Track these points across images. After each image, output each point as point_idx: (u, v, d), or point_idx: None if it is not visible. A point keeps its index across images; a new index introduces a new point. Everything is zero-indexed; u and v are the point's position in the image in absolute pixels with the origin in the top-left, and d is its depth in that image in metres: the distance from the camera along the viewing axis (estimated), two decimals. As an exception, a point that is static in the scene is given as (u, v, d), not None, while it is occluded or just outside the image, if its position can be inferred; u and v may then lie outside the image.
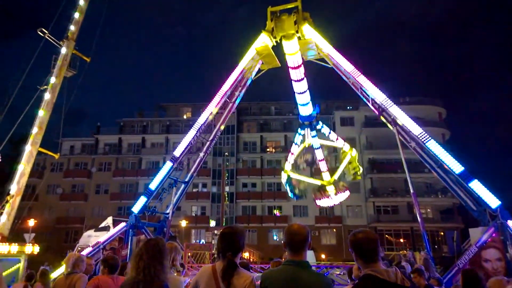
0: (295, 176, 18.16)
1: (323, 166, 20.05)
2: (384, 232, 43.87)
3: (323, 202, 17.85)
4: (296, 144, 18.95)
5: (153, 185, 17.50)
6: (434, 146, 14.40)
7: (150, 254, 2.83)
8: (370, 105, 16.52)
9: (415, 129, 14.81)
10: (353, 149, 18.52)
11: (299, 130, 18.88)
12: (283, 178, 18.23)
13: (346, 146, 18.62)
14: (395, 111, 15.21)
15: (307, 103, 17.04)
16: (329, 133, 19.29)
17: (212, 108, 17.35)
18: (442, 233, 42.03)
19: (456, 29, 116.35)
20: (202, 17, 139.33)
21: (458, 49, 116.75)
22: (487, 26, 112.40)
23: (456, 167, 13.76)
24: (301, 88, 15.92)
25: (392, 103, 15.30)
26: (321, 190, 17.51)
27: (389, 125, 16.32)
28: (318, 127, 18.76)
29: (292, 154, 18.72)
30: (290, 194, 19.04)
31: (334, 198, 17.47)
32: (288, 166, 18.22)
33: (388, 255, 20.54)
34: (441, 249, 39.94)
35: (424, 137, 14.50)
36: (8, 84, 21.78)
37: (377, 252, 2.63)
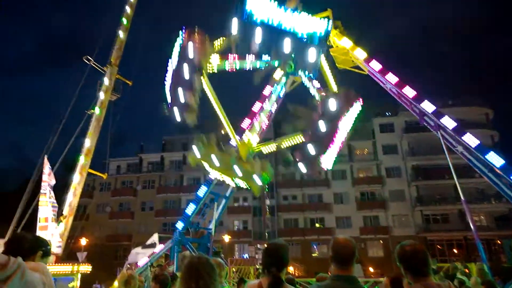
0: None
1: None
2: (435, 243, 41.89)
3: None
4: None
5: (195, 201, 17.85)
6: (483, 150, 13.64)
7: (201, 271, 2.78)
8: (410, 109, 16.01)
9: (460, 133, 14.13)
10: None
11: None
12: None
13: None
14: (437, 114, 14.62)
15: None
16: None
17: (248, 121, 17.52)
18: (498, 242, 39.45)
19: (499, 27, 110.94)
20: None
21: (501, 47, 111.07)
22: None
23: (509, 170, 12.93)
24: None
25: (433, 106, 14.73)
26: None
27: (432, 129, 15.69)
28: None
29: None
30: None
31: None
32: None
33: (441, 267, 19.54)
34: (498, 259, 37.41)
35: (471, 140, 13.79)
36: (59, 110, 23.22)
37: (427, 265, 2.51)
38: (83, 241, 32.08)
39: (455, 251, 41.36)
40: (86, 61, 23.32)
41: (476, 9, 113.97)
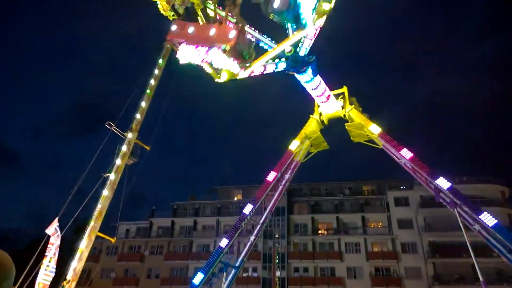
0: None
1: None
2: (454, 325, 39.03)
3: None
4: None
5: (204, 270, 17.41)
6: (500, 229, 13.39)
7: None
8: (425, 185, 16.04)
9: (477, 211, 14.00)
10: None
11: None
12: None
13: None
14: (453, 191, 14.61)
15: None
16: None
17: (263, 191, 17.68)
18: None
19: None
20: (253, 106, 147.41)
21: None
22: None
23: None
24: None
25: (448, 182, 14.77)
26: None
27: (448, 206, 15.56)
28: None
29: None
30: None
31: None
32: None
33: None
34: None
35: (488, 219, 13.61)
36: (78, 173, 23.84)
37: None
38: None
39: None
40: (108, 126, 24.34)
41: (491, 84, 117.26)
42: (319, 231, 48.55)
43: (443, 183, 14.72)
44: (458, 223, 15.17)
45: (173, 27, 12.33)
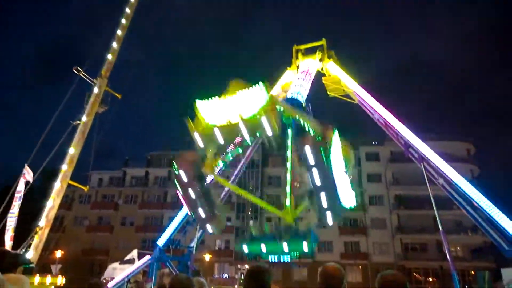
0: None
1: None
2: (412, 271, 42.22)
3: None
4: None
5: (177, 218, 17.70)
6: (462, 183, 14.07)
7: None
8: (395, 140, 16.44)
9: (442, 166, 14.57)
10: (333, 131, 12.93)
11: None
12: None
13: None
14: (422, 147, 15.07)
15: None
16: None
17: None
18: (473, 273, 39.99)
19: (485, 71, 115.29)
20: (229, 55, 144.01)
21: (485, 87, 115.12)
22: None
23: (486, 204, 13.35)
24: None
25: (418, 139, 15.19)
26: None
27: (415, 161, 16.10)
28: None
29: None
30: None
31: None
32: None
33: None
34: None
35: (452, 173, 14.22)
36: (46, 121, 22.93)
37: None
38: (58, 254, 31.27)
39: (431, 279, 41.75)
40: (75, 71, 23.27)
41: (462, 47, 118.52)
42: (293, 184, 49.82)
43: (413, 138, 15.14)
44: (423, 178, 15.80)
45: None
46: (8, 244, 17.28)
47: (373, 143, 49.24)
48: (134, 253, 21.38)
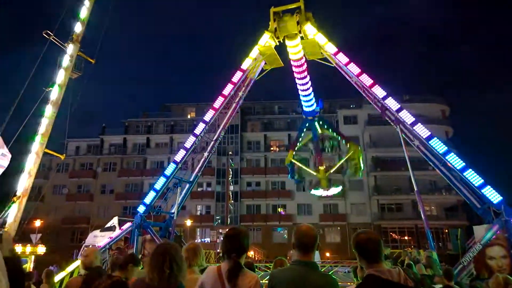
0: (297, 163, 19.78)
1: (320, 159, 20.49)
2: (388, 230, 43.95)
3: (316, 192, 19.99)
4: (301, 133, 20.27)
5: (158, 185, 17.67)
6: (437, 144, 14.44)
7: (175, 257, 2.80)
8: (373, 103, 16.58)
9: (418, 127, 14.86)
10: (358, 147, 19.54)
11: (302, 125, 20.20)
12: (287, 161, 20.02)
13: (349, 144, 19.48)
14: (398, 109, 15.26)
15: (310, 100, 17.45)
16: (334, 129, 20.22)
17: (216, 108, 17.48)
18: (446, 231, 41.96)
19: (458, 31, 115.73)
20: (206, 18, 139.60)
21: (459, 49, 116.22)
22: (490, 27, 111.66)
23: (460, 164, 13.80)
24: (304, 85, 16.30)
25: (395, 101, 15.35)
26: (316, 181, 19.37)
27: (392, 123, 16.35)
28: (324, 126, 19.81)
29: (297, 142, 20.27)
30: (289, 176, 20.87)
31: (326, 191, 19.39)
32: (291, 154, 19.88)
33: (393, 253, 20.67)
34: (445, 247, 39.83)
35: (427, 135, 14.55)
36: (17, 88, 22.03)
37: (379, 252, 2.65)
38: (38, 223, 31.00)
39: (406, 238, 43.66)
40: (46, 36, 22.16)
41: (436, 11, 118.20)
42: (272, 148, 50.23)
43: (389, 101, 15.29)
44: (399, 140, 16.13)
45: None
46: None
47: (351, 106, 49.62)
48: (114, 220, 21.29)
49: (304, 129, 20.79)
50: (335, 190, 19.64)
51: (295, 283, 2.68)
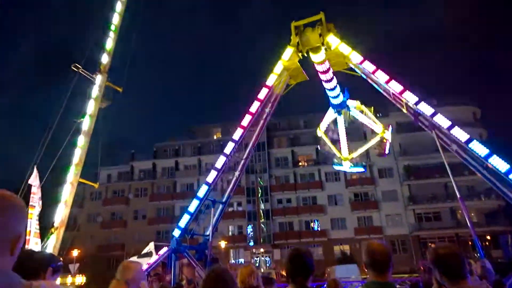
0: (325, 139, 20.66)
1: (344, 142, 21.23)
2: (427, 240, 42.21)
3: (339, 168, 21.31)
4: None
5: (191, 208, 17.61)
6: (477, 147, 13.81)
7: (228, 281, 2.71)
8: (405, 110, 16.10)
9: (455, 131, 14.28)
10: (385, 131, 19.52)
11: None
12: (318, 134, 20.86)
13: (379, 127, 19.63)
14: (432, 114, 14.75)
15: (337, 95, 17.95)
16: (361, 116, 20.32)
17: (244, 127, 17.43)
18: (488, 237, 39.91)
19: (484, 32, 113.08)
20: (227, 38, 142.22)
21: (486, 50, 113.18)
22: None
23: (504, 166, 13.11)
24: (331, 85, 16.41)
25: (428, 106, 14.87)
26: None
27: (426, 129, 15.80)
28: (350, 112, 19.90)
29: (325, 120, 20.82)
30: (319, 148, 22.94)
31: (347, 169, 20.76)
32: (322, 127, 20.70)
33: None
34: (489, 255, 37.74)
35: (466, 138, 13.95)
36: (49, 122, 22.74)
37: (463, 267, 2.46)
38: (75, 253, 31.54)
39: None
40: (74, 69, 22.95)
41: (463, 13, 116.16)
42: (300, 163, 49.73)
43: (423, 107, 14.82)
44: (431, 146, 15.65)
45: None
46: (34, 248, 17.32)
47: (378, 115, 48.63)
48: (151, 246, 21.31)
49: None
50: (357, 169, 20.85)
51: None
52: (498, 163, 13.34)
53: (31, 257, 2.60)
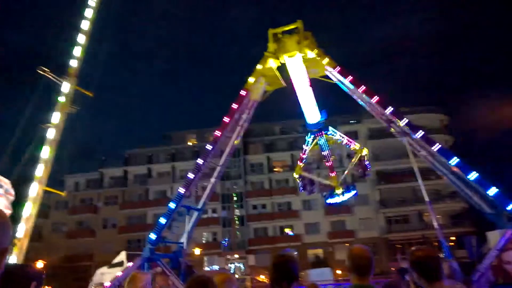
0: (307, 175, 20.05)
1: (331, 167, 20.68)
2: (396, 243, 43.38)
3: (333, 200, 19.97)
4: (307, 145, 20.08)
5: (165, 216, 17.27)
6: (445, 153, 14.41)
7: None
8: (377, 117, 16.51)
9: (425, 138, 14.83)
10: (364, 149, 19.93)
11: (308, 137, 19.96)
12: (296, 173, 20.23)
13: (356, 145, 20.14)
14: (404, 121, 15.22)
15: (313, 112, 17.58)
16: (339, 136, 20.30)
17: (220, 134, 17.33)
18: (453, 238, 41.45)
19: (451, 43, 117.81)
20: (204, 44, 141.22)
21: (455, 60, 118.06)
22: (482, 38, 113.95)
23: (470, 172, 13.72)
24: (306, 98, 16.41)
25: (401, 114, 15.34)
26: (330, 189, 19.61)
27: (398, 135, 16.26)
28: (328, 133, 19.72)
29: (304, 155, 20.29)
30: (301, 190, 21.39)
31: (342, 197, 19.48)
32: (299, 167, 20.13)
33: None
34: (454, 254, 39.15)
35: (435, 145, 14.51)
36: (15, 127, 21.74)
37: (440, 269, 2.59)
38: (40, 264, 30.19)
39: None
40: (41, 72, 22.11)
41: (433, 23, 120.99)
42: (275, 169, 49.91)
43: (395, 114, 15.27)
44: (400, 152, 16.14)
45: None
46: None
47: (351, 122, 49.74)
48: (122, 256, 20.80)
49: (310, 141, 20.79)
50: (351, 194, 19.78)
51: None
52: (465, 168, 13.94)
53: (16, 270, 2.46)
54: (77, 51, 22.88)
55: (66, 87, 22.32)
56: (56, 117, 21.71)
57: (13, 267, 2.58)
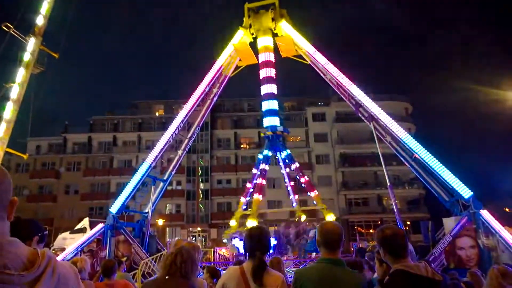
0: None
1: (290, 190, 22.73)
2: (355, 224, 45.10)
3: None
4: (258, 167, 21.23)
5: (131, 184, 17.19)
6: (409, 140, 14.98)
7: (185, 254, 2.75)
8: (347, 100, 16.91)
9: (391, 124, 15.33)
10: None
11: (260, 155, 21.28)
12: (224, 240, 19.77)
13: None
14: (372, 107, 15.66)
15: (274, 110, 17.70)
16: (292, 163, 22.27)
17: (190, 105, 17.23)
18: (409, 223, 43.67)
19: (419, 32, 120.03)
20: (177, 13, 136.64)
21: (420, 50, 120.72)
22: (451, 28, 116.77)
23: (431, 159, 14.39)
24: (269, 89, 16.54)
25: (370, 99, 15.75)
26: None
27: (365, 120, 16.77)
28: (283, 154, 20.95)
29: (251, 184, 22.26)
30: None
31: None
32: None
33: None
34: (409, 239, 41.39)
35: (400, 131, 15.06)
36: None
37: (406, 247, 2.65)
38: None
39: (371, 231, 45.02)
40: (5, 28, 21.06)
41: (402, 10, 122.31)
42: (242, 146, 50.12)
43: (364, 99, 15.70)
44: (366, 136, 16.65)
45: None
46: None
47: (319, 103, 50.45)
48: (85, 222, 20.59)
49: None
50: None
51: (325, 281, 2.66)
52: (427, 156, 14.64)
53: (20, 223, 2.48)
54: (44, 8, 21.86)
55: (31, 45, 21.43)
56: (20, 76, 20.87)
57: (17, 219, 2.61)
